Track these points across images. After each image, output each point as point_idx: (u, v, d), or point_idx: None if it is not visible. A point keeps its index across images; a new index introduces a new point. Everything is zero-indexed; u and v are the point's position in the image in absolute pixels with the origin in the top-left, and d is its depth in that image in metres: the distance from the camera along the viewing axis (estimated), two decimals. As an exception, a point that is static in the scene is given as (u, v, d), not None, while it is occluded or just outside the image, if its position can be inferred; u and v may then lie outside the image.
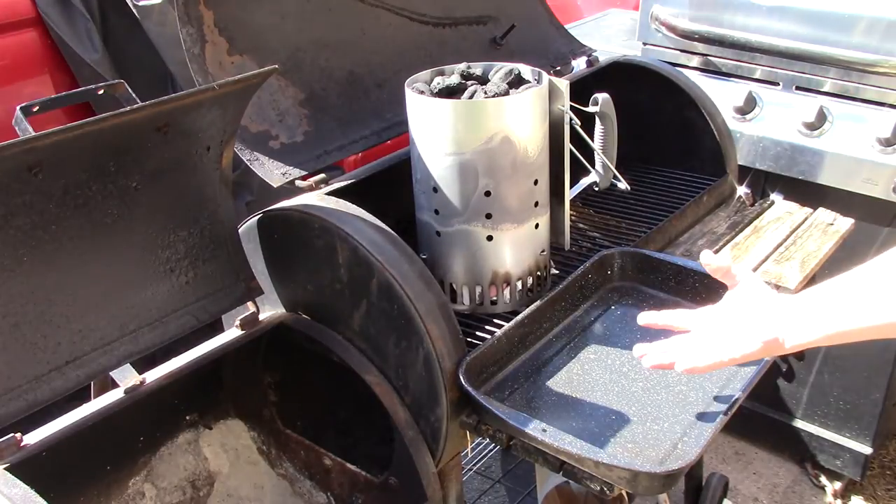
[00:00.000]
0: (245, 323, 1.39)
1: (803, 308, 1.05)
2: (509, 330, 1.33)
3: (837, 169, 2.03)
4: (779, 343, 1.06)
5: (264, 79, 1.21)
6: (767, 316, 1.08)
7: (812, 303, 1.04)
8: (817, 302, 1.04)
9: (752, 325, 1.09)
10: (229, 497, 1.46)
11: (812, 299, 1.05)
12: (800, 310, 1.05)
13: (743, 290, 1.14)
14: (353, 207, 1.31)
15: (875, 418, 2.21)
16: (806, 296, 1.06)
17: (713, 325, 1.14)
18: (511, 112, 1.30)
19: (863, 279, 1.00)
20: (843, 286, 1.01)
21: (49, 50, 2.06)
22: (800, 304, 1.06)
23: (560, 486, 1.75)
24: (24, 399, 1.11)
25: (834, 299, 1.02)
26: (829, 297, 1.02)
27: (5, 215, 1.04)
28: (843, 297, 1.01)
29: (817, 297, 1.04)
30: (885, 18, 1.97)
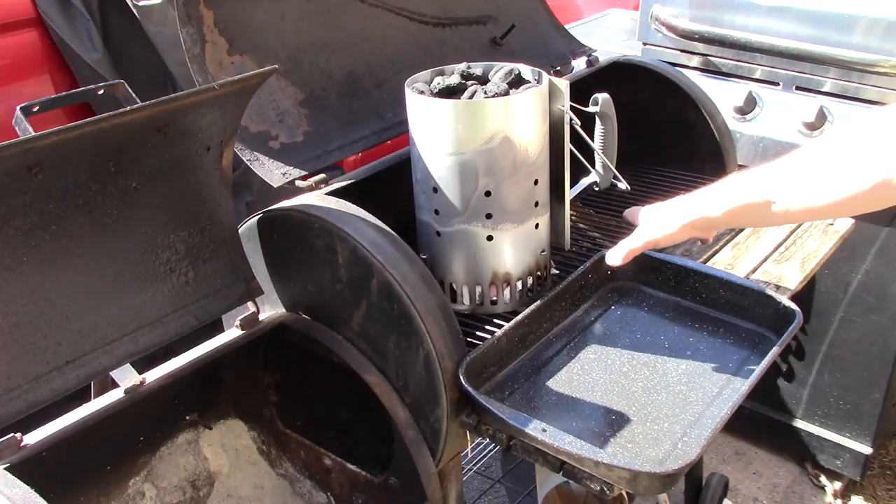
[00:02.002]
0: (245, 323, 1.39)
1: (720, 186, 1.25)
2: (509, 330, 1.33)
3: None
4: (697, 218, 1.26)
5: (264, 79, 1.21)
6: (689, 197, 1.30)
7: (729, 181, 1.24)
8: (733, 180, 1.23)
9: (674, 207, 1.31)
10: (229, 497, 1.46)
11: (731, 178, 1.24)
12: (716, 188, 1.25)
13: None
14: (353, 207, 1.31)
15: (875, 418, 2.21)
16: (728, 177, 1.26)
17: (645, 216, 1.37)
18: (511, 112, 1.30)
19: (780, 164, 1.15)
20: (760, 169, 1.17)
21: (49, 50, 2.06)
22: (719, 184, 1.26)
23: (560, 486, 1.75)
24: (24, 399, 1.11)
25: (748, 179, 1.19)
26: (745, 177, 1.20)
27: (5, 215, 1.04)
28: (756, 176, 1.18)
29: (736, 177, 1.23)
30: (885, 18, 1.98)
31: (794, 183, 1.11)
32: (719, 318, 1.42)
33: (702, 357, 1.34)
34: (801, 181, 1.10)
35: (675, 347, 1.36)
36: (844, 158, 1.06)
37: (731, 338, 1.38)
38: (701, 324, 1.41)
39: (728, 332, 1.39)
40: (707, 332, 1.40)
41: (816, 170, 1.09)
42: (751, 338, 1.37)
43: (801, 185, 1.10)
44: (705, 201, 1.25)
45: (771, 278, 1.60)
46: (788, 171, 1.13)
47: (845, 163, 1.05)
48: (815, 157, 1.10)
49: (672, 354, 1.35)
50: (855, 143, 1.05)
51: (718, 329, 1.40)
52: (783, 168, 1.14)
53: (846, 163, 1.05)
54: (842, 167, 1.05)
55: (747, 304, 1.39)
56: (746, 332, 1.38)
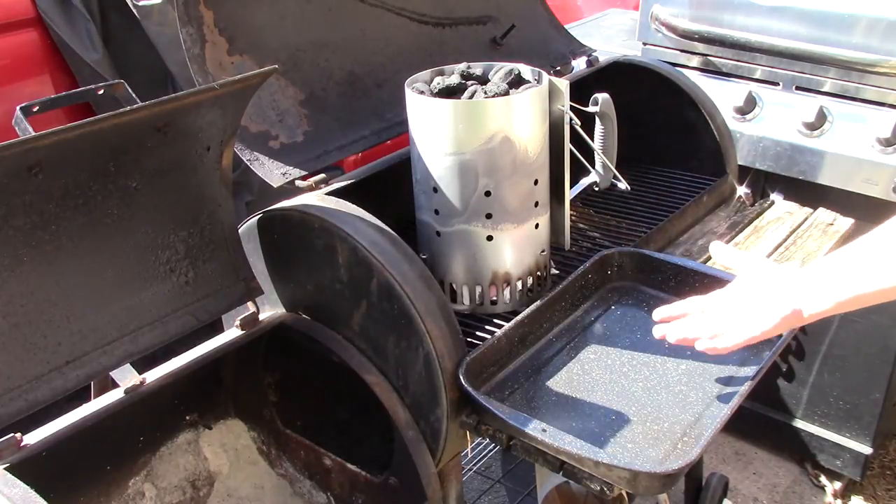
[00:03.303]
0: (245, 323, 1.39)
1: (818, 277, 1.09)
2: (509, 330, 1.33)
3: (837, 169, 2.03)
4: (797, 314, 1.09)
5: (264, 79, 1.21)
6: (783, 290, 1.11)
7: (826, 271, 1.08)
8: (831, 269, 1.07)
9: (768, 301, 1.11)
10: (229, 497, 1.46)
11: (826, 267, 1.08)
12: (814, 279, 1.09)
13: (754, 271, 1.17)
14: (353, 207, 1.31)
15: (875, 418, 2.21)
16: (819, 265, 1.10)
17: (730, 305, 1.17)
18: (511, 112, 1.30)
19: (873, 244, 1.03)
20: (855, 252, 1.05)
21: (49, 50, 2.06)
22: (814, 274, 1.09)
23: (560, 486, 1.75)
24: (24, 399, 1.11)
25: (847, 265, 1.06)
26: (843, 264, 1.06)
27: (5, 215, 1.04)
28: (856, 262, 1.05)
29: (831, 265, 1.08)
30: (885, 18, 1.97)
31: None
32: (719, 318, 1.41)
33: (702, 357, 1.33)
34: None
35: (675, 347, 1.36)
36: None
37: (731, 338, 1.38)
38: (701, 324, 1.41)
39: (728, 332, 1.39)
40: (707, 332, 1.40)
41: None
42: (751, 338, 1.37)
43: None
44: (809, 294, 1.10)
45: (771, 278, 1.60)
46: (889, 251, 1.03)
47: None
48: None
49: (672, 354, 1.35)
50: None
51: (718, 329, 1.40)
52: (884, 249, 1.04)
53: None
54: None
55: (747, 304, 1.39)
56: (746, 332, 1.38)
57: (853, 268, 1.05)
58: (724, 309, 1.18)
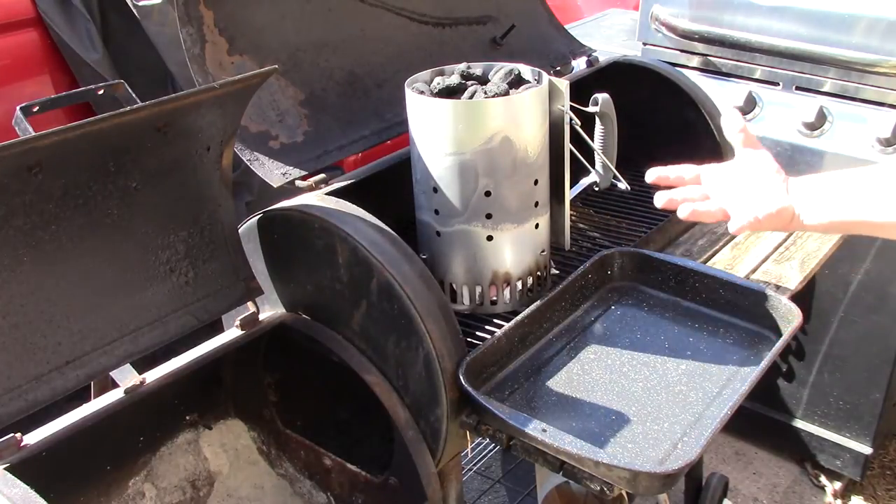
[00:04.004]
0: (245, 323, 1.39)
1: (822, 189, 1.08)
2: (509, 330, 1.33)
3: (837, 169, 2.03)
4: (793, 214, 1.09)
5: (264, 79, 1.21)
6: (785, 185, 1.10)
7: (831, 187, 1.07)
8: (836, 187, 1.07)
9: (770, 187, 1.10)
10: (229, 497, 1.46)
11: (831, 183, 1.08)
12: (818, 190, 1.08)
13: (755, 156, 1.15)
14: (353, 207, 1.31)
15: (875, 418, 2.21)
16: (824, 179, 1.09)
17: (732, 182, 1.14)
18: (511, 112, 1.30)
19: (881, 175, 1.03)
20: (862, 178, 1.05)
21: (49, 50, 2.07)
22: (819, 185, 1.09)
23: (560, 486, 1.75)
24: (24, 399, 1.11)
25: (853, 188, 1.05)
26: (850, 185, 1.06)
27: (5, 215, 1.04)
28: (863, 187, 1.04)
29: (836, 183, 1.07)
30: (885, 18, 1.97)
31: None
32: (719, 318, 1.42)
33: (702, 357, 1.34)
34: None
35: (675, 347, 1.36)
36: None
37: (731, 338, 1.38)
38: (701, 324, 1.41)
39: (728, 332, 1.39)
40: (707, 332, 1.40)
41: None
42: (751, 338, 1.37)
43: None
44: (809, 203, 1.09)
45: (771, 278, 1.60)
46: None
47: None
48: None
49: (672, 354, 1.35)
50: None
51: (718, 329, 1.40)
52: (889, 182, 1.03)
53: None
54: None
55: (747, 304, 1.39)
56: (746, 332, 1.38)
57: (859, 192, 1.04)
58: (726, 185, 1.15)
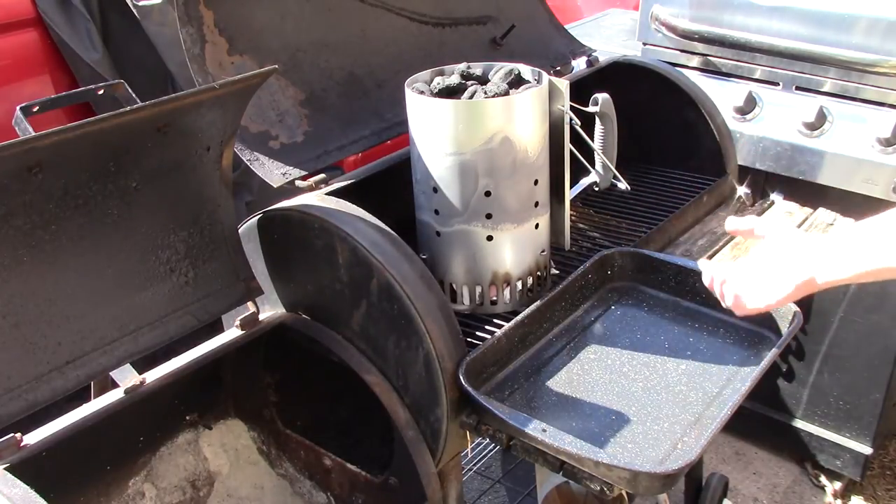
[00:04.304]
0: (245, 323, 1.39)
1: (835, 247, 1.10)
2: (509, 330, 1.33)
3: (837, 169, 2.03)
4: (812, 282, 1.11)
5: (264, 79, 1.21)
6: (799, 258, 1.13)
7: (844, 241, 1.09)
8: (849, 241, 1.08)
9: (785, 268, 1.13)
10: (229, 497, 1.46)
11: (844, 238, 1.10)
12: (832, 248, 1.10)
13: (773, 238, 1.19)
14: (352, 207, 1.31)
15: (875, 418, 2.21)
16: (838, 235, 1.11)
17: (750, 271, 1.20)
18: (511, 112, 1.30)
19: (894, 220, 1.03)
20: (876, 226, 1.06)
21: (49, 50, 2.07)
22: (831, 243, 1.10)
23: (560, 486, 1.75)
24: (24, 399, 1.11)
25: (866, 239, 1.06)
26: (861, 237, 1.07)
27: (5, 215, 1.04)
28: (876, 237, 1.05)
29: (849, 236, 1.09)
30: (885, 18, 1.97)
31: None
32: (719, 318, 1.42)
33: (702, 357, 1.34)
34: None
35: (675, 347, 1.36)
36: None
37: (731, 338, 1.38)
38: (701, 324, 1.41)
39: (728, 332, 1.39)
40: (707, 332, 1.40)
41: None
42: (751, 338, 1.37)
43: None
44: (828, 263, 1.10)
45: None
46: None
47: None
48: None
49: (672, 354, 1.35)
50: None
51: (718, 329, 1.40)
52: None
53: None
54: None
55: (747, 304, 1.39)
56: (746, 332, 1.39)
57: (873, 242, 1.06)
58: (746, 275, 1.20)
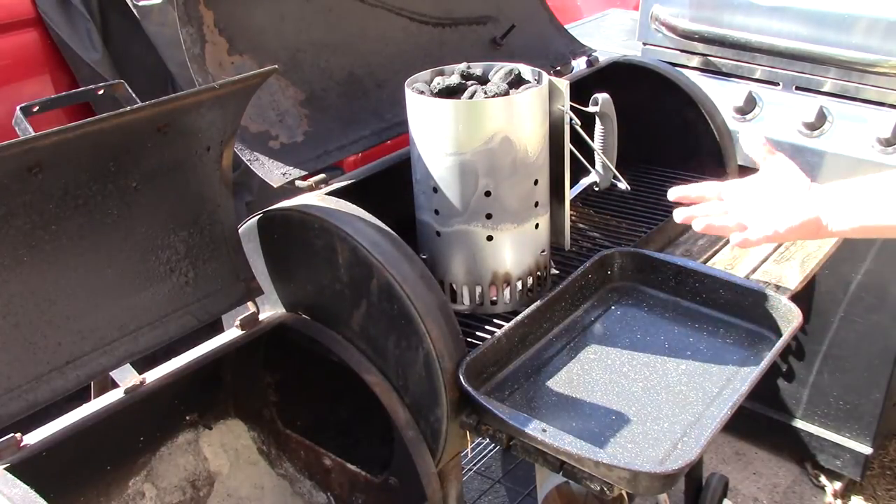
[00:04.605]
0: (245, 323, 1.39)
1: (844, 194, 1.07)
2: (509, 330, 1.33)
3: (837, 169, 2.03)
4: (820, 224, 1.07)
5: (264, 79, 1.21)
6: (807, 195, 1.09)
7: (853, 191, 1.06)
8: (859, 192, 1.06)
9: (792, 201, 1.09)
10: (229, 497, 1.46)
11: (853, 188, 1.06)
12: (840, 195, 1.07)
13: (779, 168, 1.15)
14: (352, 207, 1.31)
15: (875, 418, 2.21)
16: (849, 185, 1.07)
17: (753, 197, 1.14)
18: (511, 112, 1.30)
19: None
20: (886, 182, 1.03)
21: (49, 50, 2.06)
22: (842, 192, 1.07)
23: (560, 486, 1.75)
24: (24, 399, 1.11)
25: (875, 192, 1.03)
26: (871, 190, 1.04)
27: (5, 215, 1.04)
28: (885, 192, 1.02)
29: (859, 188, 1.06)
30: (885, 18, 1.97)
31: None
32: (719, 318, 1.42)
33: (702, 357, 1.34)
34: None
35: (675, 347, 1.36)
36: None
37: (731, 338, 1.38)
38: (701, 324, 1.41)
39: (728, 332, 1.39)
40: (707, 332, 1.40)
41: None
42: (751, 338, 1.37)
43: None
44: (836, 208, 1.08)
45: (771, 278, 1.60)
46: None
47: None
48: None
49: (672, 354, 1.35)
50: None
51: (718, 329, 1.40)
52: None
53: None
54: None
55: (747, 304, 1.39)
56: (746, 332, 1.39)
57: (886, 196, 1.03)
58: (747, 200, 1.14)
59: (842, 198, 1.08)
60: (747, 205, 1.15)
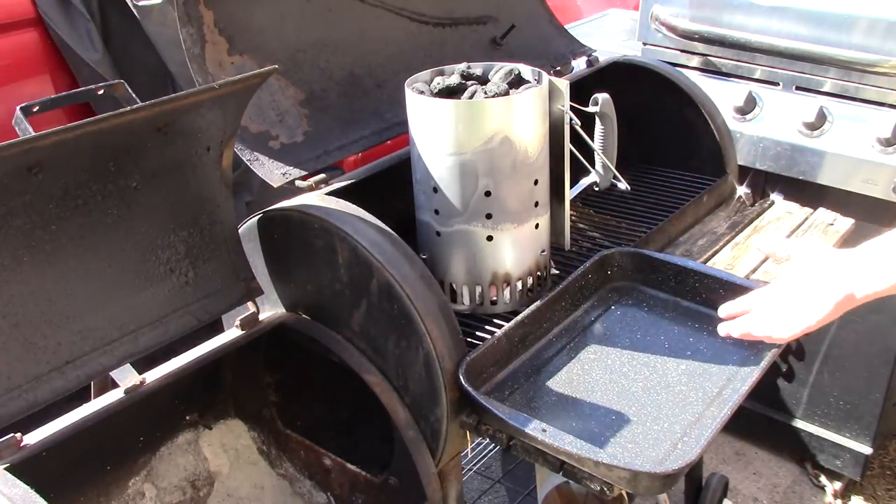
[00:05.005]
0: (245, 323, 1.39)
1: (872, 258, 1.08)
2: (509, 330, 1.33)
3: (837, 169, 2.03)
4: (850, 298, 1.09)
5: (264, 79, 1.21)
6: (834, 275, 1.11)
7: (881, 251, 1.07)
8: (885, 252, 1.06)
9: (820, 289, 1.12)
10: (229, 497, 1.46)
11: (881, 248, 1.07)
12: (869, 260, 1.08)
13: (803, 258, 1.18)
14: (352, 207, 1.31)
15: (875, 418, 2.21)
16: (873, 246, 1.08)
17: (784, 296, 1.18)
18: (511, 112, 1.30)
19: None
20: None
21: (49, 50, 2.06)
22: (868, 255, 1.09)
23: (560, 486, 1.75)
24: (24, 399, 1.11)
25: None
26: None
27: (5, 215, 1.04)
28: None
29: (886, 246, 1.07)
30: (885, 18, 1.97)
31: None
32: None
33: (702, 357, 1.34)
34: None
35: (675, 347, 1.36)
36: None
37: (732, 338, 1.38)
38: (701, 324, 1.41)
39: (728, 332, 1.39)
40: (707, 332, 1.40)
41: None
42: (751, 338, 1.37)
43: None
44: (867, 276, 1.08)
45: (771, 278, 1.60)
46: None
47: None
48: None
49: (672, 354, 1.35)
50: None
51: (718, 329, 1.40)
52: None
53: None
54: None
55: (747, 304, 1.39)
56: (746, 332, 1.38)
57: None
58: (780, 300, 1.19)
59: (869, 263, 1.08)
60: (780, 304, 1.19)
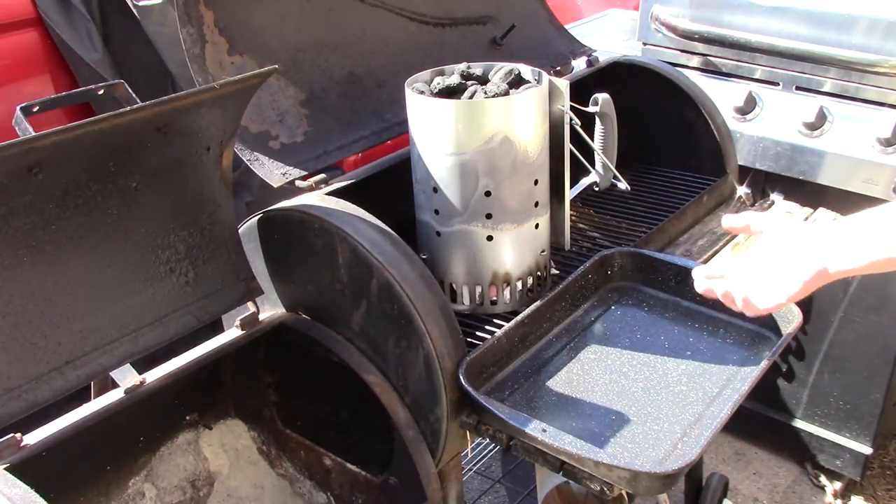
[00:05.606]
0: (245, 323, 1.39)
1: (847, 234, 1.05)
2: (509, 330, 1.33)
3: (837, 169, 2.03)
4: (823, 273, 1.07)
5: (264, 79, 1.21)
6: (809, 248, 1.08)
7: (856, 229, 1.05)
8: (862, 228, 1.04)
9: (793, 263, 1.09)
10: (229, 497, 1.46)
11: (856, 226, 1.05)
12: (843, 236, 1.05)
13: (774, 232, 1.15)
14: (352, 207, 1.31)
15: (875, 418, 2.21)
16: (848, 223, 1.06)
17: (757, 268, 1.15)
18: (511, 112, 1.30)
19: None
20: (889, 214, 1.02)
21: (49, 50, 2.07)
22: (842, 231, 1.06)
23: (560, 486, 1.75)
24: (24, 399, 1.11)
25: (879, 226, 1.02)
26: (875, 224, 1.02)
27: (5, 215, 1.04)
28: (890, 224, 1.01)
29: (861, 224, 1.04)
30: (885, 18, 1.97)
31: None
32: (719, 318, 1.42)
33: (702, 357, 1.34)
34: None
35: (675, 347, 1.36)
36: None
37: (731, 338, 1.38)
38: (701, 324, 1.41)
39: (728, 332, 1.39)
40: (707, 332, 1.40)
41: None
42: (751, 338, 1.37)
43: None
44: (840, 251, 1.05)
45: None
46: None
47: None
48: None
49: (672, 354, 1.35)
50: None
51: (718, 329, 1.40)
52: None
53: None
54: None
55: (747, 304, 1.39)
56: (746, 332, 1.38)
57: (891, 228, 1.01)
58: (754, 274, 1.15)
59: (844, 238, 1.06)
60: (754, 275, 1.16)
